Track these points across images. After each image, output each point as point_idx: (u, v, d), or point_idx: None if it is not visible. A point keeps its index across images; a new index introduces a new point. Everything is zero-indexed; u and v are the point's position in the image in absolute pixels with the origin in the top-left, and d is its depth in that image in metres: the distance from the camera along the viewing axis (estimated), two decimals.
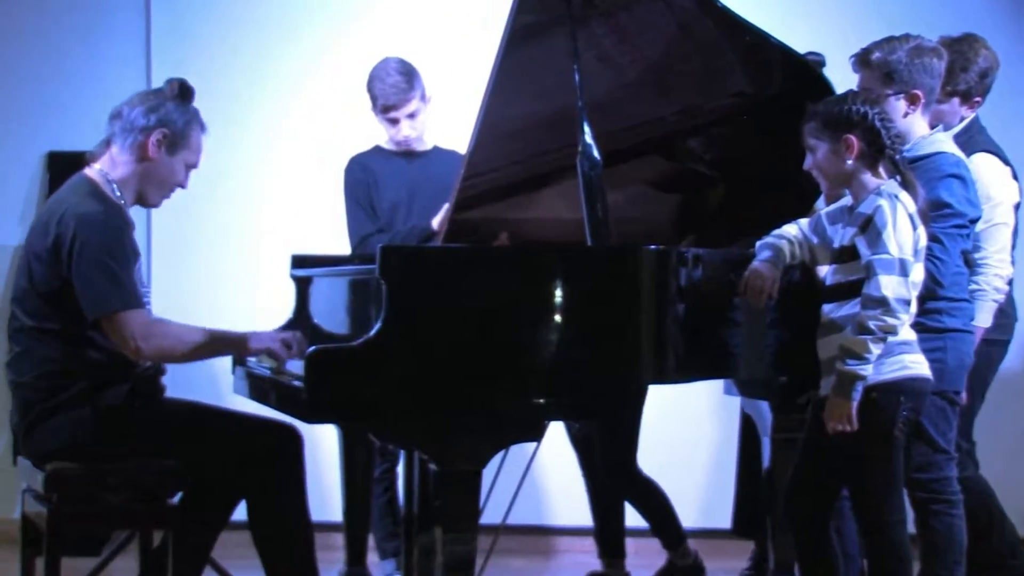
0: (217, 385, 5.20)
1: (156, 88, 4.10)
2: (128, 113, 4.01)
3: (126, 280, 3.80)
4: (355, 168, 5.04)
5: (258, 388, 4.14)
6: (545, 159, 4.28)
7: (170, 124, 3.99)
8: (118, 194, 3.98)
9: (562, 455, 4.95)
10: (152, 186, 4.04)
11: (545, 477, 5.91)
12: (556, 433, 4.60)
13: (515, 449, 3.75)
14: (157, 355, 3.85)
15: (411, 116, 4.93)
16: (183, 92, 4.05)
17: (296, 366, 3.82)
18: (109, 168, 4.02)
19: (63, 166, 5.96)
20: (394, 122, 4.94)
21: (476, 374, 3.47)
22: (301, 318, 4.50)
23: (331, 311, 4.40)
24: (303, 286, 4.56)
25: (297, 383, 3.66)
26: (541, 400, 3.51)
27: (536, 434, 3.62)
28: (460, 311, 3.47)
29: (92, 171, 4.03)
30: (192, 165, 4.09)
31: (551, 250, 3.65)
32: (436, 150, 5.09)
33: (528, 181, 4.38)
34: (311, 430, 3.96)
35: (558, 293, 3.52)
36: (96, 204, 3.89)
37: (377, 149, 5.09)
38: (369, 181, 4.99)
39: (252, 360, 4.29)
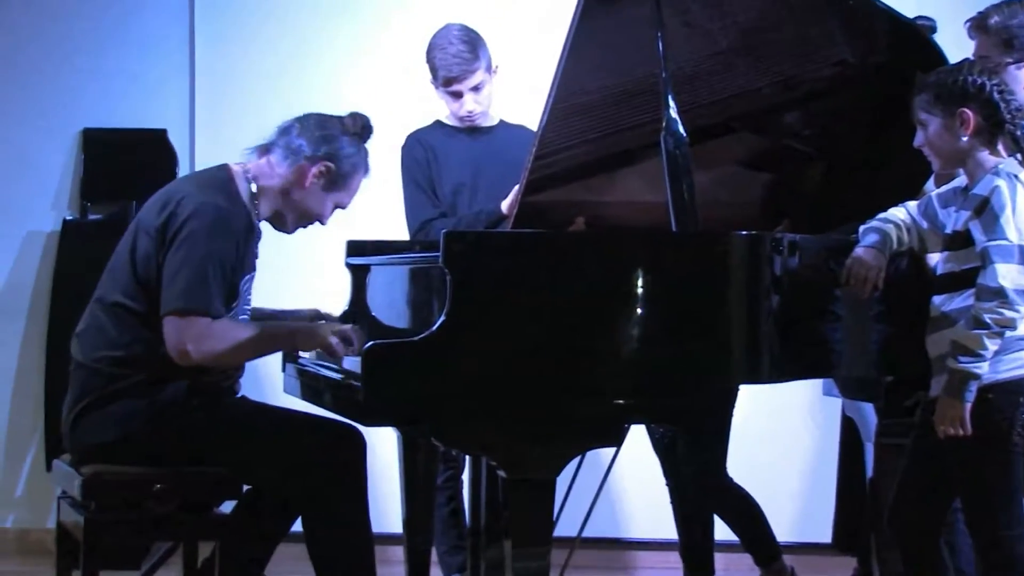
0: (263, 384, 5.23)
1: (336, 116, 4.15)
2: (299, 133, 4.09)
3: (214, 287, 3.85)
4: (414, 146, 5.05)
5: (311, 388, 4.16)
6: (625, 136, 4.27)
7: (337, 161, 4.07)
8: (255, 201, 4.05)
9: (643, 462, 4.94)
10: (293, 213, 4.12)
11: (625, 486, 5.90)
12: (637, 437, 4.59)
13: (592, 455, 3.75)
14: (205, 359, 3.86)
15: (475, 89, 4.93)
16: (364, 131, 4.13)
17: (353, 363, 3.83)
18: (258, 172, 4.09)
19: (99, 145, 6.06)
20: (457, 96, 4.95)
21: (549, 372, 3.47)
22: (357, 310, 4.52)
23: (390, 303, 4.41)
24: (359, 275, 4.57)
25: (353, 382, 3.68)
26: (621, 401, 3.51)
27: (615, 439, 3.61)
28: (531, 303, 3.47)
29: (236, 167, 4.10)
30: (340, 206, 4.17)
31: (632, 236, 3.64)
32: (503, 126, 5.09)
33: (606, 160, 4.37)
34: (367, 433, 3.98)
35: (640, 284, 3.51)
36: (222, 200, 3.95)
37: (438, 124, 5.09)
38: (429, 160, 5.00)
39: (305, 357, 4.31)
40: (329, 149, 4.07)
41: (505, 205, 4.68)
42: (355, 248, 4.60)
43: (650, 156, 3.97)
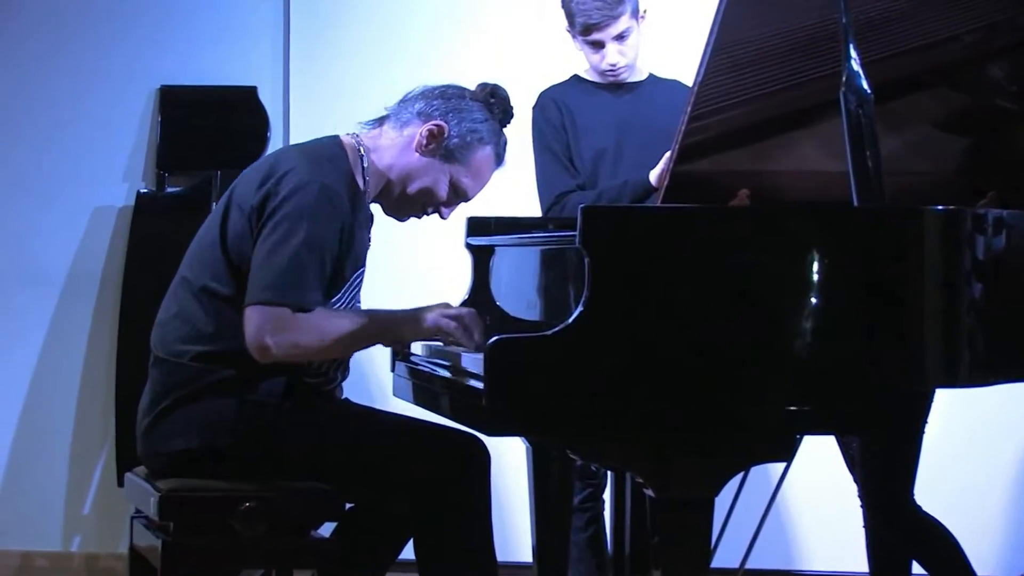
0: (370, 386, 5.29)
1: (467, 87, 4.19)
2: (417, 97, 4.14)
3: (311, 278, 3.87)
4: (547, 105, 5.07)
5: (425, 390, 4.18)
6: (797, 93, 4.26)
7: (454, 123, 4.09)
8: (366, 178, 4.10)
9: (818, 479, 4.94)
10: (401, 185, 4.14)
11: (797, 508, 5.89)
12: (810, 449, 4.59)
13: (757, 471, 3.76)
14: (289, 353, 3.88)
15: (620, 38, 4.94)
16: (498, 104, 4.16)
17: (474, 362, 3.86)
18: (370, 145, 4.14)
19: (179, 105, 6.09)
20: (598, 46, 4.96)
21: (705, 373, 3.46)
22: (479, 299, 4.54)
23: (518, 291, 4.44)
24: (481, 258, 4.60)
25: (474, 383, 3.70)
26: (792, 408, 3.51)
27: (784, 452, 3.60)
28: (685, 291, 3.47)
29: (349, 139, 4.15)
30: (462, 192, 4.17)
31: (805, 212, 3.63)
32: (652, 81, 5.10)
33: (775, 122, 4.36)
34: (491, 444, 4.01)
35: (814, 268, 3.50)
36: (331, 177, 3.97)
37: (575, 80, 5.11)
38: (565, 122, 5.02)
39: (418, 354, 4.34)
40: (446, 108, 4.10)
41: (654, 175, 4.69)
42: (477, 226, 4.62)
43: (827, 117, 3.96)
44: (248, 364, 3.93)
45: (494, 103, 4.15)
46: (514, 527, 5.21)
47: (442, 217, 4.23)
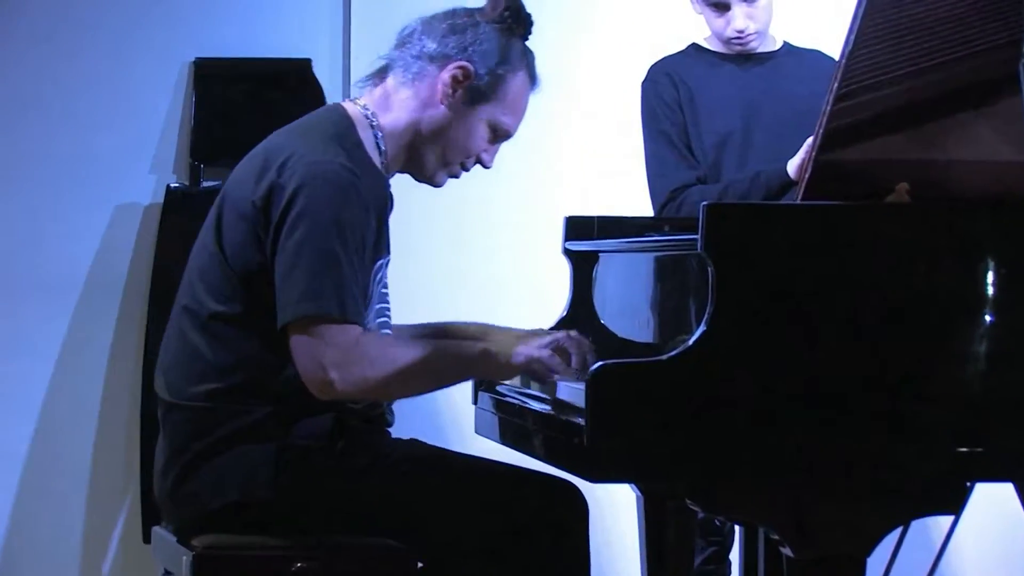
0: (448, 420, 5.29)
1: (475, 8, 4.09)
2: (422, 35, 4.08)
3: (349, 278, 3.82)
4: (661, 81, 5.08)
5: (514, 427, 4.19)
6: (968, 66, 4.23)
7: (477, 58, 4.03)
8: (382, 148, 4.06)
9: (991, 535, 4.91)
10: (433, 147, 4.09)
11: (966, 569, 5.86)
12: (983, 500, 4.56)
13: (919, 526, 3.73)
14: (357, 390, 3.87)
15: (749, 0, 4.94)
16: (513, 17, 4.06)
17: (572, 393, 3.85)
18: (378, 108, 4.09)
19: (217, 82, 6.11)
20: (722, 8, 4.97)
21: (855, 406, 3.46)
22: (579, 315, 4.54)
23: (626, 306, 4.44)
24: (583, 266, 4.60)
25: (575, 418, 3.69)
26: (962, 449, 3.48)
27: (953, 503, 3.58)
28: (831, 306, 3.47)
29: (353, 106, 4.11)
30: (502, 132, 4.11)
31: (978, 210, 3.62)
32: (788, 51, 5.10)
33: (940, 101, 4.33)
34: (593, 491, 4.00)
35: (990, 279, 3.49)
36: (340, 154, 3.91)
37: (695, 50, 5.13)
38: (682, 101, 5.03)
39: (506, 383, 4.33)
40: (462, 42, 4.02)
41: (793, 165, 4.68)
42: (577, 228, 4.62)
43: (1005, 95, 3.94)
44: (282, 398, 3.92)
45: (509, 17, 4.05)
46: None
47: (485, 166, 4.16)
